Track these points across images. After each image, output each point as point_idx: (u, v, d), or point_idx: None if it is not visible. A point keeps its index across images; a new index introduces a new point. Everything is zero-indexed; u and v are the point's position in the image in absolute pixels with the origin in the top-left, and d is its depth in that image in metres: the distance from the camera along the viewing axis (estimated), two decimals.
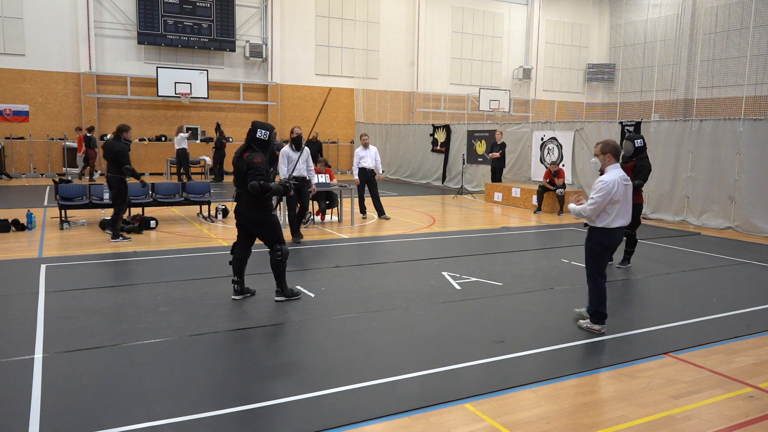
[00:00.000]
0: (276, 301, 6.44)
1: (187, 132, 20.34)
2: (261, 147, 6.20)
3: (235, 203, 6.46)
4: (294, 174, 9.47)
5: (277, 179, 9.69)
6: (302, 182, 10.07)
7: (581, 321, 5.76)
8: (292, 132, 9.98)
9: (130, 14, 21.93)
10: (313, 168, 10.46)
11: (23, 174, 21.03)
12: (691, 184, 12.47)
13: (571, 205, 5.64)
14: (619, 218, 5.45)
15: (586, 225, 5.62)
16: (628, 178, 5.53)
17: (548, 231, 11.87)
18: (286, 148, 9.98)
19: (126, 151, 9.52)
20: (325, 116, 25.65)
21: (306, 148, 9.91)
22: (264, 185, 5.98)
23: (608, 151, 5.59)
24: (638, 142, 8.38)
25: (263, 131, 6.18)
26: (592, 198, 5.38)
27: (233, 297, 6.45)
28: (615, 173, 5.44)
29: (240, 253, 6.42)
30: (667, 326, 5.87)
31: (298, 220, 10.23)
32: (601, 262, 5.61)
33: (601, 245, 5.54)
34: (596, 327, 5.59)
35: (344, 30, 25.83)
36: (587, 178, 14.76)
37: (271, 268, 6.41)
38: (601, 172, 5.61)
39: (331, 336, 5.51)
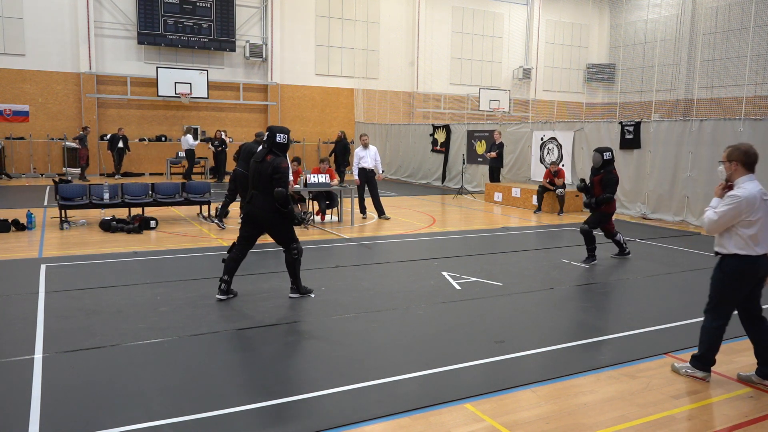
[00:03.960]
0: (290, 297, 6.52)
1: (196, 140, 20.62)
2: (282, 150, 6.32)
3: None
4: None
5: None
6: None
7: (675, 364, 4.77)
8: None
9: (130, 14, 21.93)
10: (291, 167, 10.90)
11: (23, 174, 21.03)
12: (691, 184, 12.47)
13: (714, 200, 4.49)
14: (761, 243, 4.32)
15: (717, 253, 4.54)
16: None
17: (548, 231, 11.87)
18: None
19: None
20: (325, 116, 25.66)
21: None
22: (287, 197, 6.18)
23: (735, 158, 4.36)
24: (607, 155, 8.57)
25: (282, 135, 6.32)
26: (717, 208, 4.37)
27: (218, 296, 6.42)
28: (751, 187, 4.28)
29: (237, 254, 6.46)
30: (667, 326, 5.87)
31: None
32: (733, 298, 4.46)
33: (740, 276, 4.39)
34: (699, 374, 4.58)
35: (344, 30, 25.83)
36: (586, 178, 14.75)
37: (287, 265, 6.50)
38: (728, 185, 4.42)
39: (331, 336, 5.51)
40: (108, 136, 21.68)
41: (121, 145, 20.66)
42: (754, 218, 4.26)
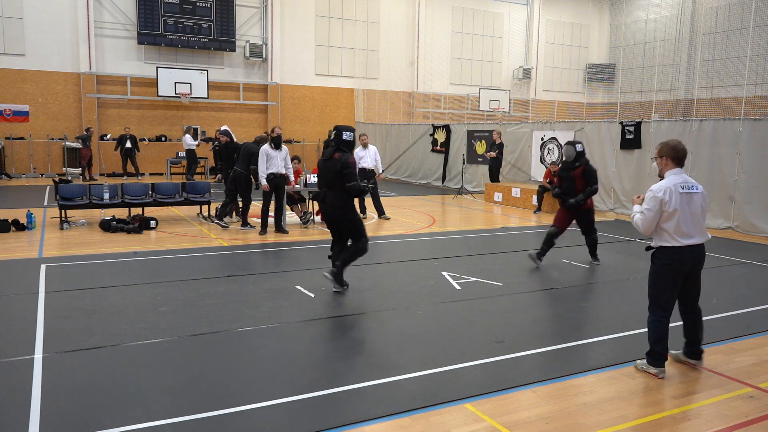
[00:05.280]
0: (324, 276, 6.72)
1: (195, 140, 20.54)
2: (348, 147, 6.63)
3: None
4: (273, 171, 10.44)
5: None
6: (280, 179, 10.62)
7: (638, 361, 4.83)
8: (272, 131, 10.72)
9: (130, 14, 21.93)
10: (291, 166, 11.06)
11: (23, 174, 21.03)
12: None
13: (635, 207, 4.72)
14: (687, 234, 4.50)
15: (648, 248, 4.75)
16: (694, 184, 4.57)
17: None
18: (266, 147, 10.58)
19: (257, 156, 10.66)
20: (325, 116, 25.66)
21: (285, 147, 10.74)
22: (361, 189, 6.58)
23: (665, 154, 4.59)
24: (579, 147, 8.37)
25: (348, 133, 6.62)
26: (641, 209, 4.60)
27: (336, 290, 6.73)
28: (670, 180, 4.52)
29: (338, 247, 6.80)
30: None
31: (277, 216, 10.86)
32: (666, 289, 4.62)
33: (666, 268, 4.57)
34: (653, 370, 4.65)
35: (344, 30, 25.83)
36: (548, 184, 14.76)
37: (346, 251, 6.71)
38: (661, 178, 4.67)
39: (331, 336, 5.51)
40: (108, 137, 21.72)
41: (128, 145, 20.60)
42: (669, 209, 4.46)
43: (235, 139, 14.47)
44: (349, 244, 6.78)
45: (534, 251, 8.49)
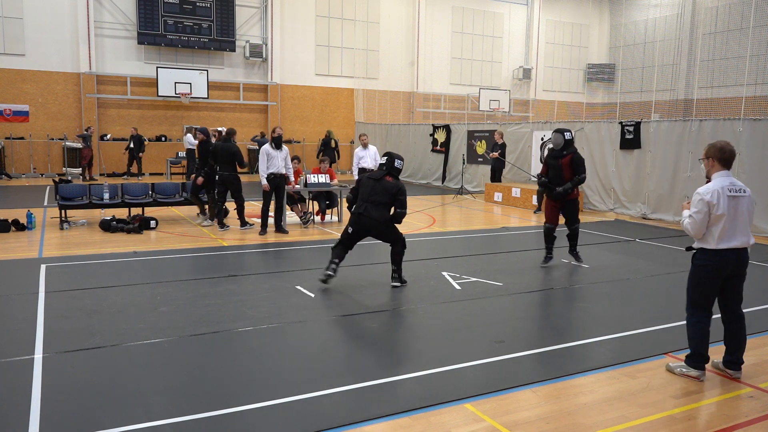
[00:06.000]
0: (393, 286, 7.07)
1: (196, 139, 20.40)
2: (399, 174, 7.21)
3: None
4: (273, 171, 10.45)
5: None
6: (280, 179, 10.61)
7: (670, 363, 4.78)
8: (273, 131, 10.77)
9: (130, 14, 21.94)
10: (291, 166, 11.06)
11: (23, 174, 21.03)
12: (691, 184, 12.45)
13: (684, 212, 4.64)
14: (728, 237, 4.44)
15: (688, 248, 4.69)
16: (742, 187, 4.49)
17: None
18: (267, 147, 10.59)
19: (240, 152, 10.88)
20: (325, 116, 25.66)
21: (285, 147, 10.76)
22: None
23: (711, 155, 4.50)
24: (567, 135, 8.14)
25: (400, 161, 7.21)
26: (689, 213, 4.52)
27: (328, 272, 6.97)
28: (718, 182, 4.44)
29: (339, 251, 7.16)
30: (667, 326, 5.86)
31: (277, 216, 10.84)
32: (705, 291, 4.59)
33: (705, 269, 4.53)
34: (693, 372, 4.60)
35: (344, 30, 25.83)
36: (587, 179, 14.75)
37: (393, 256, 7.19)
38: (708, 180, 4.59)
39: (331, 336, 5.51)
40: (108, 137, 21.75)
41: (132, 145, 20.57)
42: (717, 213, 4.39)
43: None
44: (392, 249, 7.24)
45: (541, 263, 8.42)
